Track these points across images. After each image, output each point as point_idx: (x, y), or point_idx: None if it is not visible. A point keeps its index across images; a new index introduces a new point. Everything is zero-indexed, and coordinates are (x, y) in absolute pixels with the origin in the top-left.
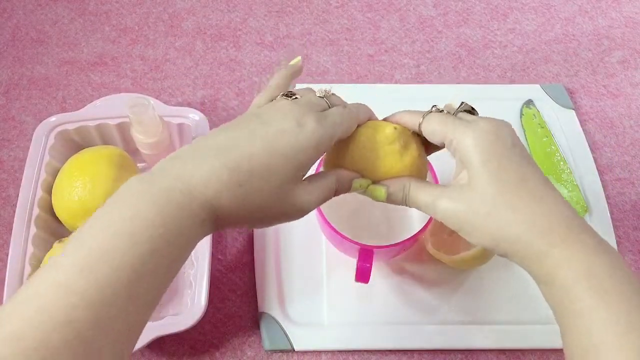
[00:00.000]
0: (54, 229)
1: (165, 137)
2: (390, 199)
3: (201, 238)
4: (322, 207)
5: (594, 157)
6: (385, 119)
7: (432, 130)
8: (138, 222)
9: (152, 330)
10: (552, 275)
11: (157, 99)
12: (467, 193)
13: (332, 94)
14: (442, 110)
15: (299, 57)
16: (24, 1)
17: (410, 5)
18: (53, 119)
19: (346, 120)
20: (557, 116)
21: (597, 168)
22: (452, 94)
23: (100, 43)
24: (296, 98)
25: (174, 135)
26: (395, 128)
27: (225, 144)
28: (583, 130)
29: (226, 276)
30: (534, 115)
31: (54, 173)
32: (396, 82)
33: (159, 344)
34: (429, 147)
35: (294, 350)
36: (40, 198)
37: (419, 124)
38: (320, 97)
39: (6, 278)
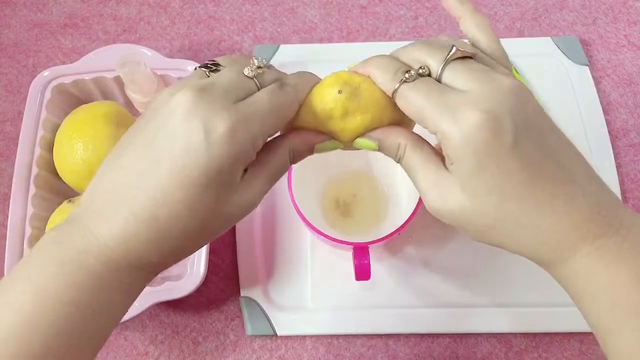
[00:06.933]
0: (55, 187)
1: None
2: (383, 152)
3: (136, 296)
4: (303, 211)
5: (607, 119)
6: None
7: (407, 107)
8: (40, 299)
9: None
10: (565, 285)
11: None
12: (462, 200)
13: (268, 67)
14: (426, 72)
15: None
16: None
17: None
18: (46, 73)
19: (276, 108)
20: (569, 73)
21: (609, 132)
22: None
23: (69, 2)
24: (216, 70)
25: None
26: (339, 91)
27: (132, 185)
28: (597, 89)
29: (208, 258)
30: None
31: (54, 129)
32: (391, 38)
33: (141, 327)
34: None
35: (277, 335)
36: (39, 156)
37: (393, 91)
38: (248, 76)
39: (7, 241)
